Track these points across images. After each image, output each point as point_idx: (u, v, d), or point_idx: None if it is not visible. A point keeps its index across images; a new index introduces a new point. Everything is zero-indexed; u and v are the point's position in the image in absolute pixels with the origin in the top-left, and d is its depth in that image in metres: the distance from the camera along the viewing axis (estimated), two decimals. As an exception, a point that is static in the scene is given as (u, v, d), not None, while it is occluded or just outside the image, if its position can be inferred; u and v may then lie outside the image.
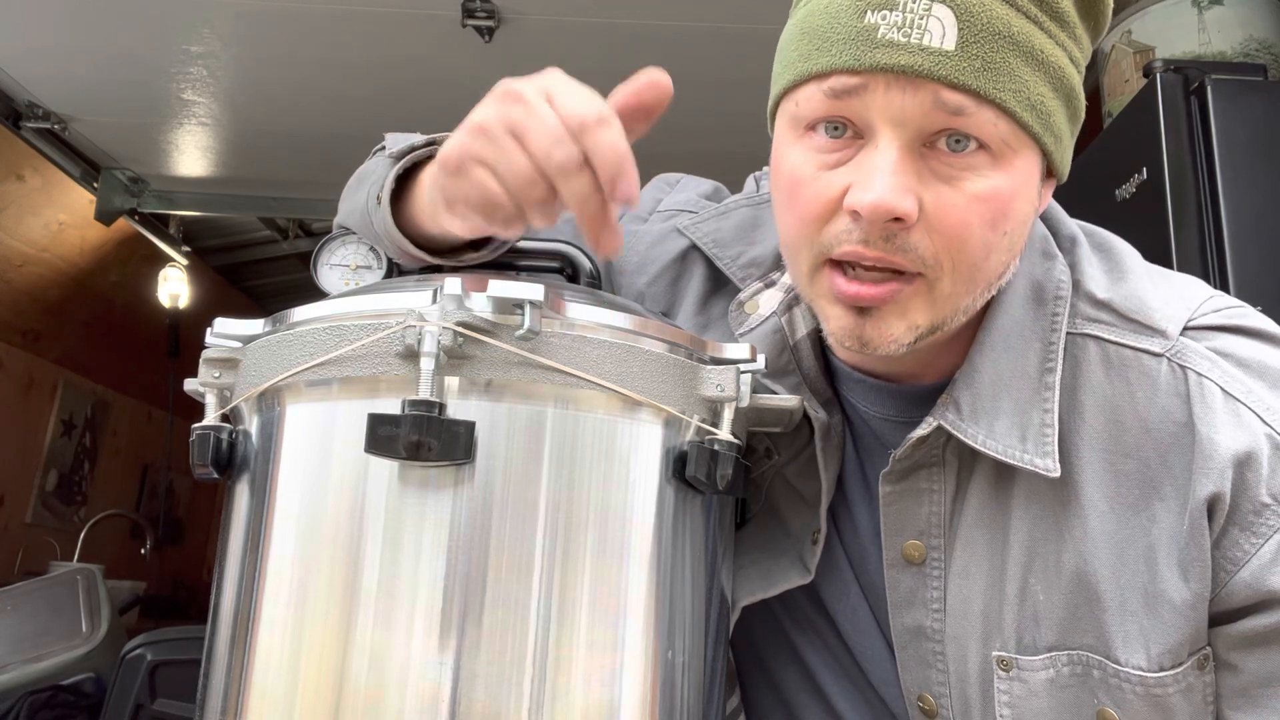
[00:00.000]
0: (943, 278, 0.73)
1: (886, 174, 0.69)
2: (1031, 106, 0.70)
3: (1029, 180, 0.74)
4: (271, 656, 0.66)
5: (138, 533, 5.19)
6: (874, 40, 0.69)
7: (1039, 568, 0.78)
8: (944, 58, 0.68)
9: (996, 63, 0.68)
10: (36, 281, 4.31)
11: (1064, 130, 0.75)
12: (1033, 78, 0.70)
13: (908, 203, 0.69)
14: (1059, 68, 0.72)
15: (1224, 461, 0.73)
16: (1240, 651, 0.75)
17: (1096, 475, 0.77)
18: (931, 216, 0.71)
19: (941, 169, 0.71)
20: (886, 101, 0.69)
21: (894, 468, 0.81)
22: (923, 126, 0.70)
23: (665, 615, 0.69)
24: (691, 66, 2.86)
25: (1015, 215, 0.73)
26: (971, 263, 0.73)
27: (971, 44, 0.68)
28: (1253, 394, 0.76)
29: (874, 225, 0.70)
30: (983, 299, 0.78)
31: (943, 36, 0.68)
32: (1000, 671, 0.79)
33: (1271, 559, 0.73)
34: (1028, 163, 0.73)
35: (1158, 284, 0.82)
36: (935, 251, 0.71)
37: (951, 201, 0.70)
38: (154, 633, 2.33)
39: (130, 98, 3.31)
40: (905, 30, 0.68)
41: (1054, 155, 0.74)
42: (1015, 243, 0.76)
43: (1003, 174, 0.71)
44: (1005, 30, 0.69)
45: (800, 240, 0.76)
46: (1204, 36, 2.04)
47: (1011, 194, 0.72)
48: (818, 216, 0.73)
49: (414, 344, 0.65)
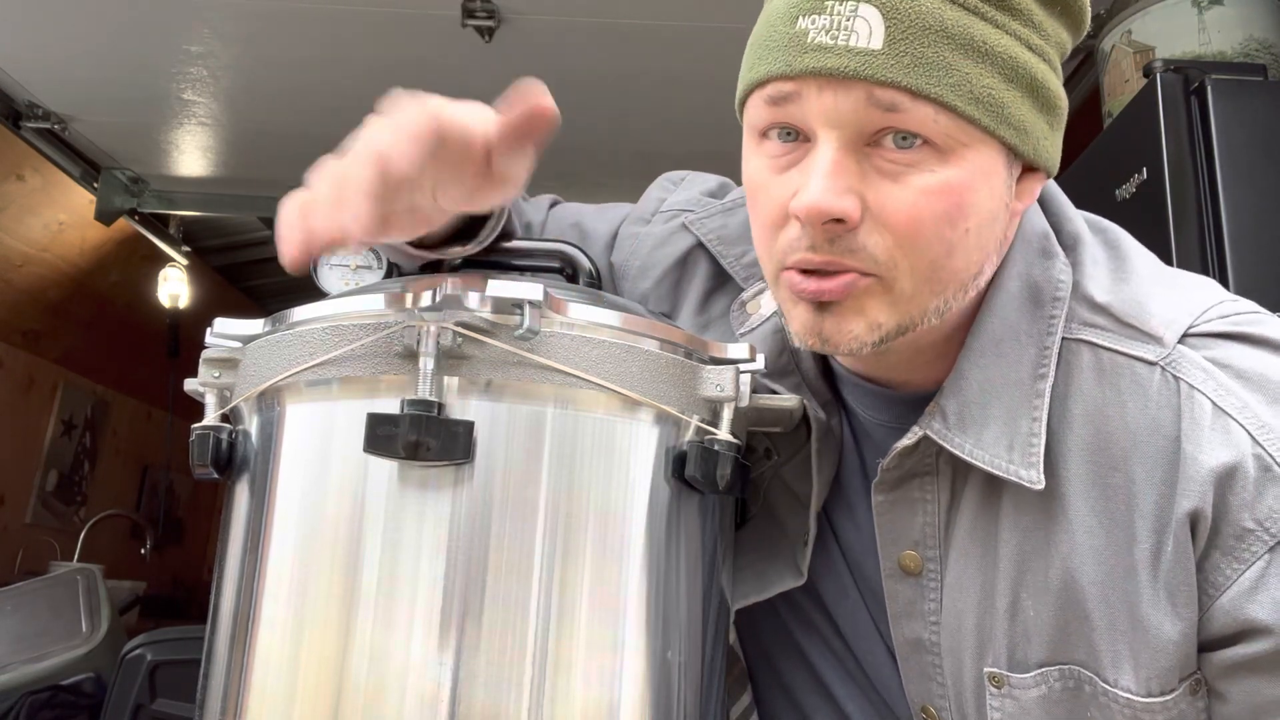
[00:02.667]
0: (899, 277, 0.71)
1: (821, 175, 0.69)
2: (976, 99, 0.69)
3: (987, 175, 0.71)
4: (271, 656, 0.66)
5: (138, 533, 5.19)
6: (804, 45, 0.69)
7: (1030, 582, 0.76)
8: (870, 57, 0.67)
9: (928, 57, 0.68)
10: (36, 281, 4.31)
11: (1029, 121, 0.72)
12: (975, 69, 0.69)
13: (845, 202, 0.69)
14: (1011, 57, 0.70)
15: (1204, 479, 0.71)
16: (1226, 680, 0.73)
17: (1084, 488, 0.75)
18: (878, 214, 0.70)
19: (886, 166, 0.70)
20: (820, 104, 0.69)
21: (883, 477, 0.80)
22: (861, 127, 0.69)
23: (664, 615, 0.69)
24: (691, 66, 2.86)
25: (975, 211, 0.71)
26: (930, 261, 0.71)
27: (899, 41, 0.67)
28: (1247, 409, 0.72)
29: (816, 228, 0.70)
30: (957, 300, 0.75)
31: (869, 36, 0.68)
32: (992, 688, 0.78)
33: (1252, 587, 0.71)
34: (982, 157, 0.71)
35: (1164, 287, 0.79)
36: (888, 249, 0.70)
37: (898, 197, 0.69)
38: (154, 633, 2.33)
39: (130, 98, 3.31)
40: (833, 33, 0.68)
41: (1020, 148, 0.72)
42: (984, 240, 0.74)
43: (953, 168, 0.70)
44: (937, 24, 0.68)
45: (763, 247, 0.76)
46: (1204, 36, 2.04)
47: (964, 188, 0.70)
48: (774, 222, 0.73)
49: (413, 344, 0.65)
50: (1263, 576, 0.70)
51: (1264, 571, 0.70)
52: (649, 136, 3.34)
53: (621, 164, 3.53)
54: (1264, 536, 0.70)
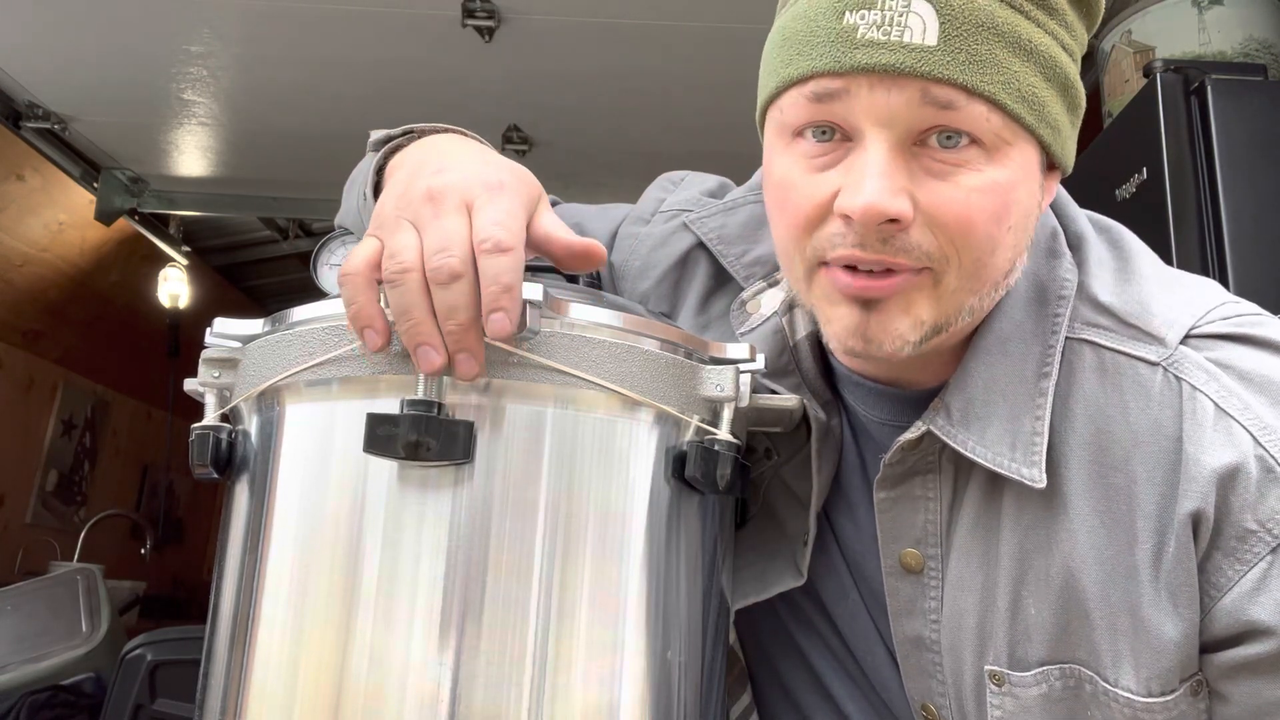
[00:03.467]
0: (949, 271, 0.71)
1: (876, 175, 0.68)
2: (1023, 98, 0.69)
3: (1028, 174, 0.72)
4: (271, 656, 0.66)
5: (138, 533, 5.19)
6: (854, 41, 0.68)
7: (1031, 580, 0.76)
8: (927, 53, 0.66)
9: (982, 55, 0.67)
10: (36, 281, 4.31)
11: (1061, 121, 0.73)
12: (1023, 68, 0.69)
13: (900, 203, 0.68)
14: (1050, 57, 0.70)
15: (1207, 480, 0.71)
16: (1228, 681, 0.73)
17: (1085, 487, 0.75)
18: (931, 213, 0.69)
19: (935, 166, 0.69)
20: (871, 102, 0.68)
21: (886, 473, 0.80)
22: (911, 125, 0.68)
23: (664, 615, 0.69)
24: (691, 66, 2.86)
25: (1018, 210, 0.71)
26: (976, 257, 0.71)
27: (954, 37, 0.67)
28: (1249, 410, 0.72)
29: (869, 229, 0.69)
30: (989, 300, 0.75)
31: (924, 32, 0.67)
32: (993, 686, 0.78)
33: (1254, 588, 0.71)
34: (1025, 156, 0.71)
35: (1167, 288, 0.79)
36: (940, 245, 0.70)
37: (950, 196, 0.69)
38: (154, 633, 2.33)
39: (130, 98, 3.31)
40: (885, 29, 0.67)
41: (1053, 147, 0.72)
42: (1020, 239, 0.74)
43: (999, 168, 0.70)
44: (989, 21, 0.67)
45: (793, 245, 0.75)
46: (1204, 36, 2.04)
47: (1010, 187, 0.70)
48: (809, 220, 0.72)
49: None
50: (1265, 578, 0.71)
51: (1266, 573, 0.71)
52: (649, 136, 3.35)
53: (622, 164, 3.53)
54: (1266, 538, 0.71)
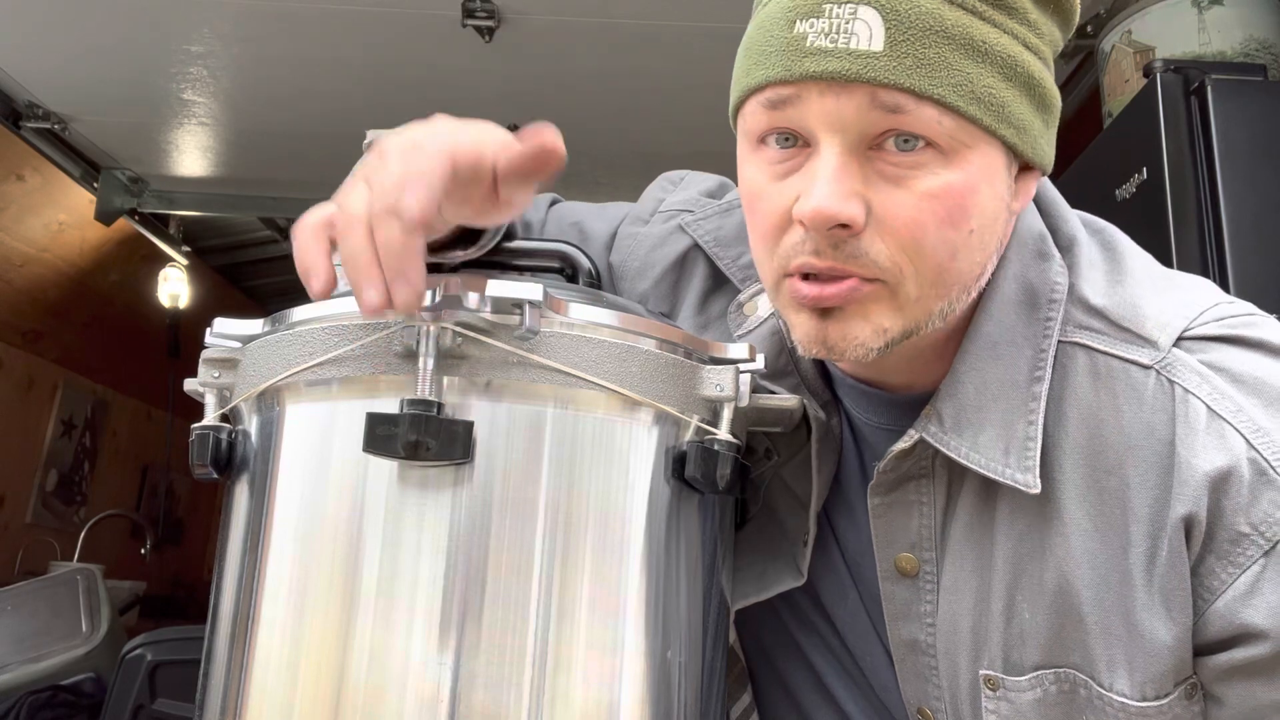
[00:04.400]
0: (905, 281, 0.71)
1: (826, 180, 0.68)
2: (978, 99, 0.69)
3: (990, 175, 0.71)
4: (271, 656, 0.66)
5: (138, 533, 5.19)
6: (803, 49, 0.68)
7: (1025, 585, 0.76)
8: (872, 59, 0.67)
9: (930, 58, 0.67)
10: (36, 281, 4.31)
11: (1028, 120, 0.72)
12: (976, 70, 0.69)
13: (851, 208, 0.68)
14: (1009, 56, 0.70)
15: (1199, 483, 0.70)
16: (1222, 684, 0.73)
17: (1079, 492, 0.74)
18: (882, 219, 0.69)
19: (889, 170, 0.69)
20: (822, 108, 0.68)
21: (879, 480, 0.80)
22: (863, 130, 0.68)
23: (664, 615, 0.69)
24: (691, 66, 2.86)
25: (978, 212, 0.71)
26: (935, 264, 0.71)
27: (901, 42, 0.67)
28: (1242, 413, 0.72)
29: (820, 234, 0.69)
30: (961, 302, 0.75)
31: (870, 38, 0.67)
32: (988, 690, 0.78)
33: (1247, 591, 0.70)
34: (986, 158, 0.71)
35: (1160, 289, 0.79)
36: (890, 255, 0.70)
37: (900, 201, 0.69)
38: (154, 633, 2.34)
39: (130, 98, 3.31)
40: (832, 36, 0.68)
41: (1019, 147, 0.72)
42: (986, 241, 0.74)
43: (955, 170, 0.69)
44: (937, 25, 0.68)
45: (764, 254, 0.75)
46: (1204, 36, 2.04)
47: (967, 190, 0.70)
48: (775, 228, 0.73)
49: (413, 344, 0.65)
50: (1258, 581, 0.70)
51: (1259, 576, 0.70)
52: (649, 136, 3.34)
53: (621, 164, 3.52)
54: (1259, 541, 0.70)
